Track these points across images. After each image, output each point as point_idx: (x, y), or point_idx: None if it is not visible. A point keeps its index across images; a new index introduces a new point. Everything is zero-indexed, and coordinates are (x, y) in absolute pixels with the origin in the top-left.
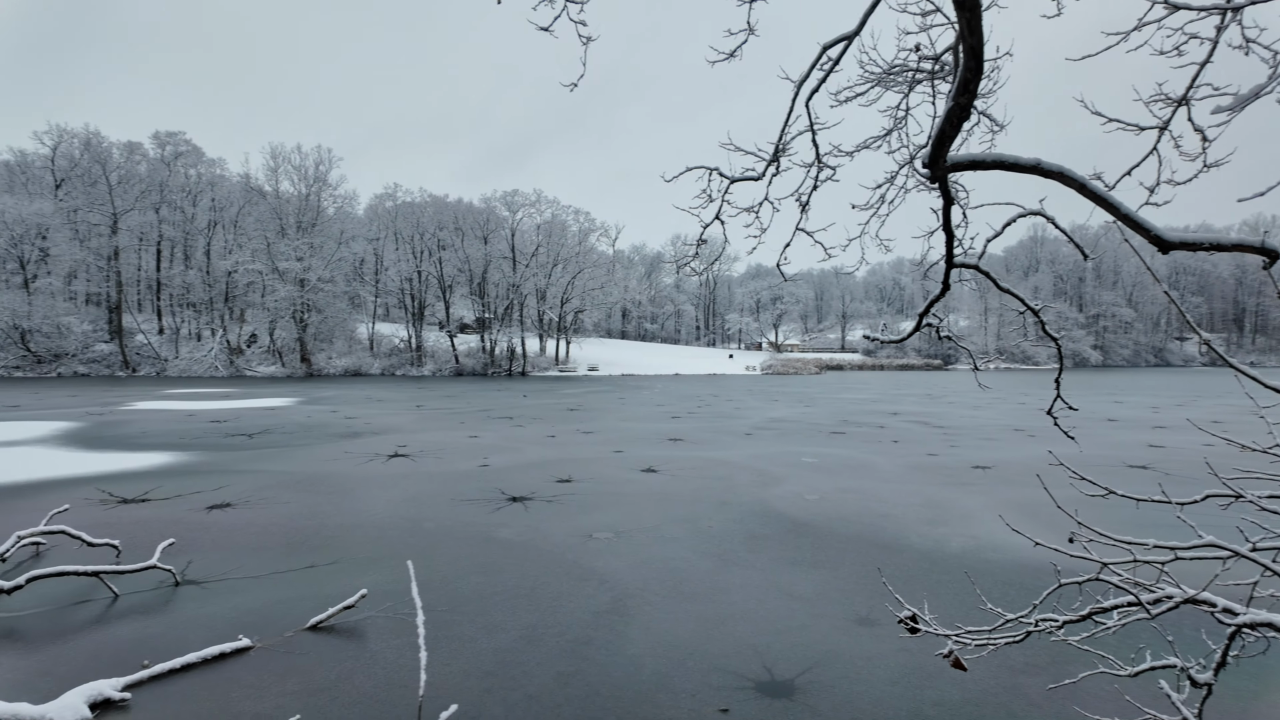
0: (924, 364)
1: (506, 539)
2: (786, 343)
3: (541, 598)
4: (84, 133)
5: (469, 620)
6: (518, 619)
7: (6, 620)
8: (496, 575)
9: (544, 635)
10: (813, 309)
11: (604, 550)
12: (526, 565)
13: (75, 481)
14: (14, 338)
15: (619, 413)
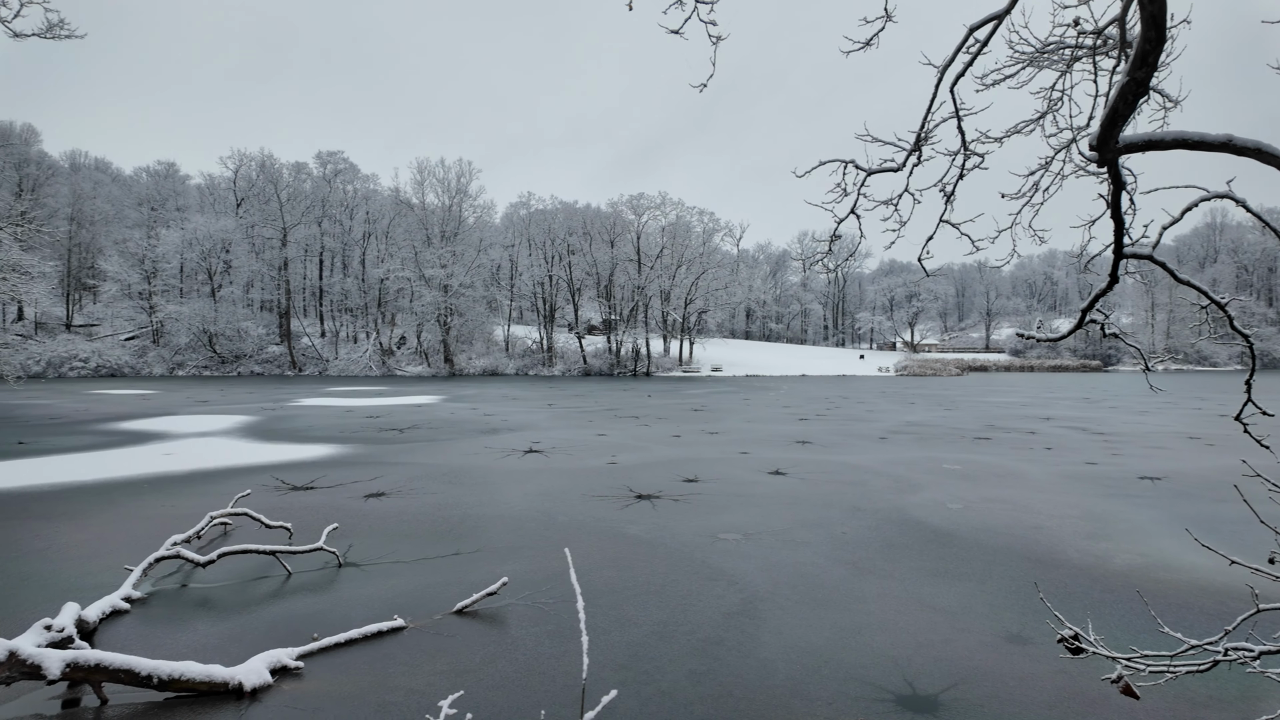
0: (1080, 365)
1: (636, 535)
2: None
3: (671, 595)
4: (259, 156)
5: (602, 613)
6: (649, 614)
7: (202, 590)
8: (627, 570)
9: (675, 632)
10: (953, 306)
11: (732, 551)
12: (655, 562)
13: (254, 469)
14: (203, 341)
15: (744, 414)
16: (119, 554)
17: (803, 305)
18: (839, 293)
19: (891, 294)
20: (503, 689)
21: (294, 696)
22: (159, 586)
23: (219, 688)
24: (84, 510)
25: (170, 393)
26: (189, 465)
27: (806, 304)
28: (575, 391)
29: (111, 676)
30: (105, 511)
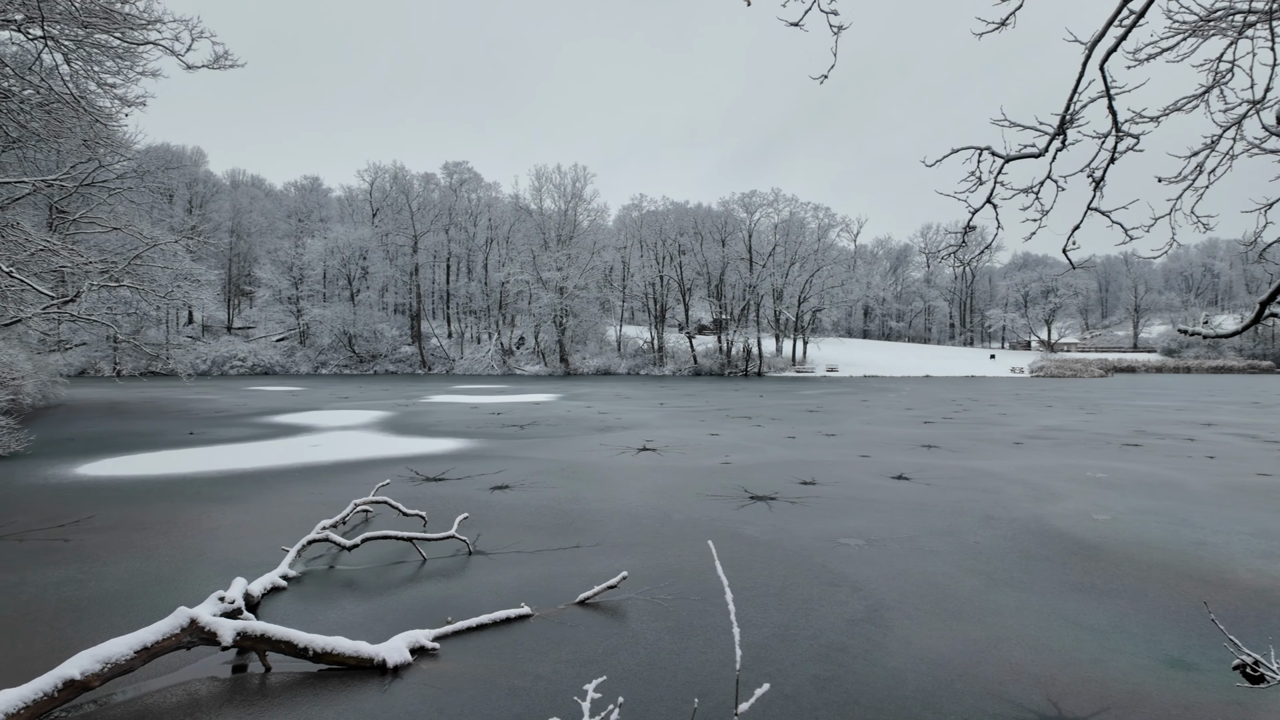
0: (1247, 366)
1: (752, 536)
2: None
3: (791, 598)
4: (392, 168)
5: (721, 612)
6: (768, 617)
7: (348, 572)
8: (745, 571)
9: (796, 636)
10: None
11: (855, 557)
12: (774, 564)
13: (391, 461)
14: (343, 341)
15: (863, 415)
16: (275, 535)
17: (926, 302)
18: (967, 289)
19: (1025, 289)
20: (625, 681)
21: (432, 675)
22: (310, 567)
23: (365, 663)
24: (245, 495)
25: (315, 389)
26: (333, 456)
27: (930, 301)
28: (686, 391)
29: (274, 646)
30: (263, 496)
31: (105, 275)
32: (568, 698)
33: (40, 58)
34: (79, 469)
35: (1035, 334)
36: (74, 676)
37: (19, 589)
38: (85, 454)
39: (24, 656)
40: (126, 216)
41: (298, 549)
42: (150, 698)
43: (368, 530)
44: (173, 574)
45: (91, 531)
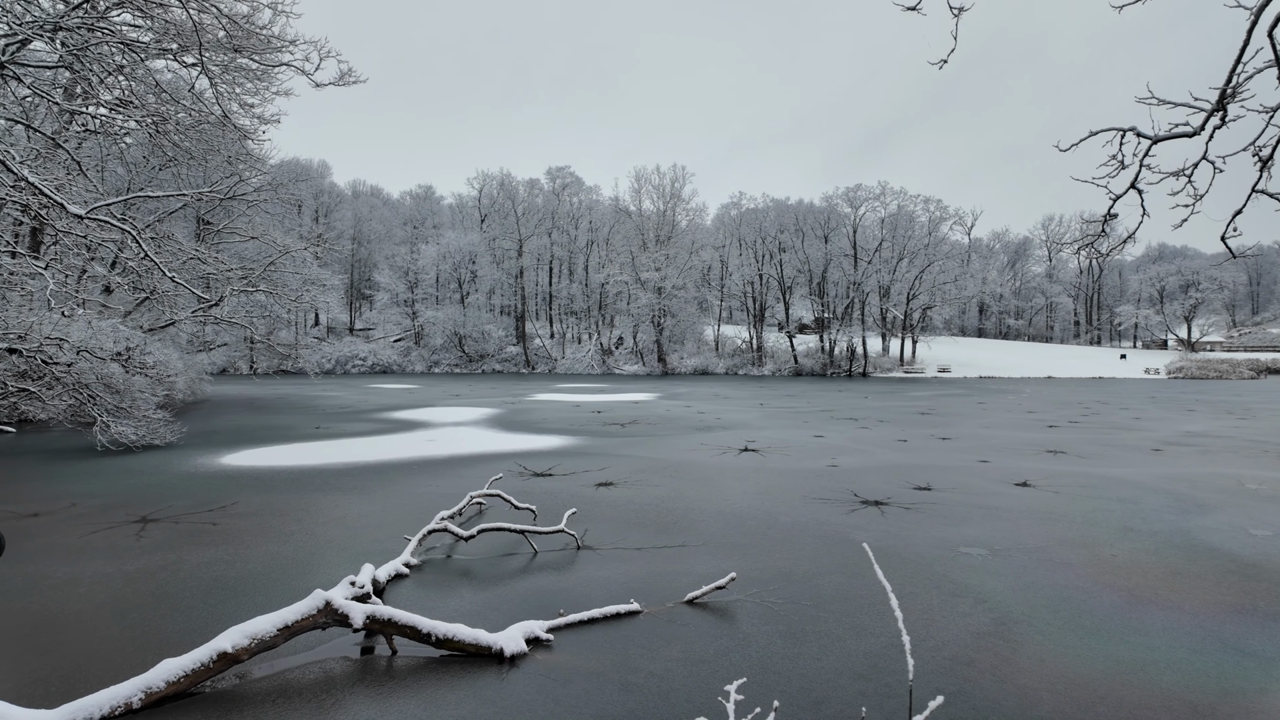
0: None
1: (862, 542)
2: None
3: (910, 608)
4: (499, 175)
5: (835, 619)
6: (885, 625)
7: (464, 562)
8: (858, 578)
9: (917, 647)
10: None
11: (978, 567)
12: (889, 572)
13: (500, 456)
14: (454, 342)
15: (980, 418)
16: (397, 525)
17: (1048, 298)
18: (1094, 283)
19: (1162, 283)
20: (742, 691)
21: (546, 666)
22: (429, 556)
23: (483, 650)
24: (368, 486)
25: (429, 387)
26: (447, 451)
27: (1053, 297)
28: (786, 392)
29: (400, 631)
30: (384, 488)
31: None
32: (681, 695)
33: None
34: (223, 459)
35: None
36: (226, 649)
37: (177, 567)
38: (228, 445)
39: (183, 628)
40: (262, 226)
41: (419, 538)
42: (290, 674)
43: (482, 522)
44: (306, 558)
45: (236, 517)
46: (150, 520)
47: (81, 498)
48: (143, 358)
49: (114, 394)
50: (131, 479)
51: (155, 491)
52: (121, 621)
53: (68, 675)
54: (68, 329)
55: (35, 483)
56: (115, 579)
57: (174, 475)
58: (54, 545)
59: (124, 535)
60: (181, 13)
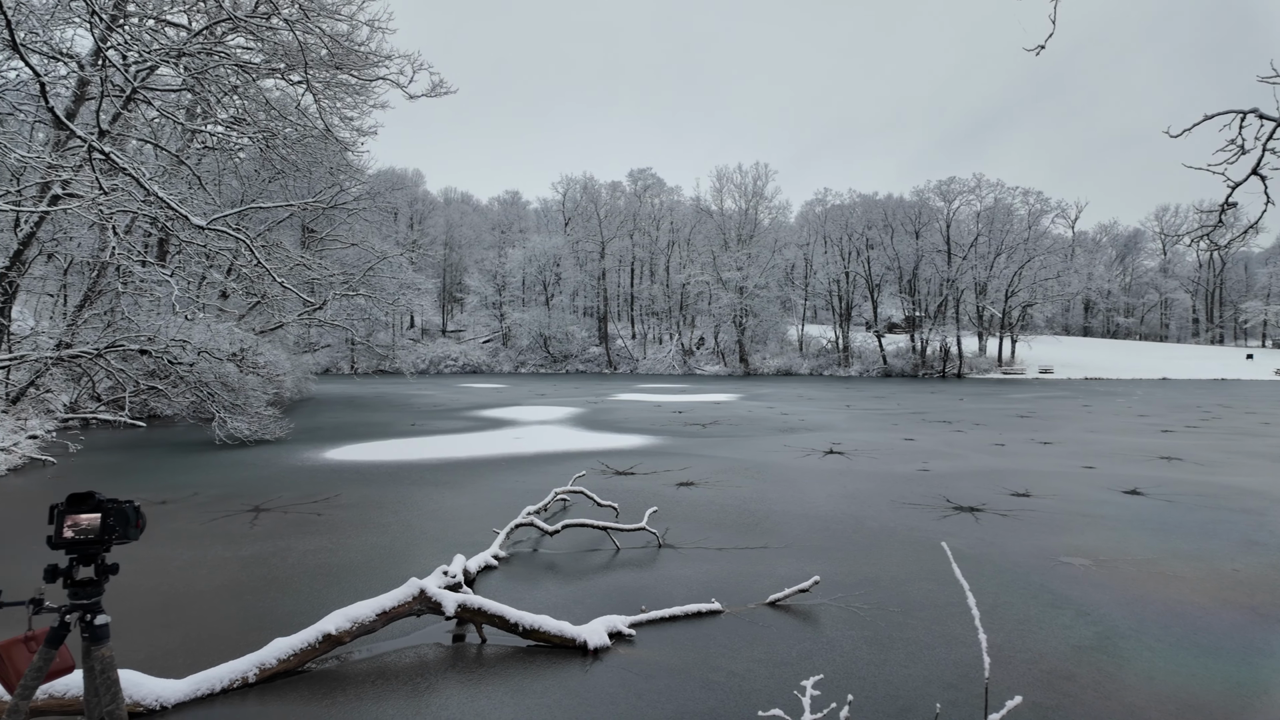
0: None
1: (957, 549)
2: None
3: (1005, 618)
4: (582, 178)
5: (924, 626)
6: (977, 635)
7: (549, 556)
8: (949, 585)
9: (1013, 659)
10: None
11: (1080, 578)
12: (983, 580)
13: (584, 454)
14: (539, 343)
15: (1084, 422)
16: (486, 518)
17: (1162, 294)
18: (1215, 278)
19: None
20: (821, 686)
21: (628, 660)
22: (516, 549)
23: (568, 642)
24: (459, 481)
25: (516, 387)
26: (533, 448)
27: (1168, 293)
28: (874, 393)
29: (489, 620)
30: (474, 482)
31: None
32: (762, 696)
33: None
34: (327, 453)
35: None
36: (330, 631)
37: (286, 553)
38: (331, 441)
39: (290, 610)
40: (362, 233)
41: (506, 531)
42: (387, 657)
43: (566, 518)
44: (402, 548)
45: (338, 508)
46: (262, 510)
47: (202, 488)
48: (255, 358)
49: (230, 392)
50: (245, 471)
51: (266, 483)
52: (237, 602)
53: (192, 649)
54: (190, 331)
55: (162, 473)
56: (232, 563)
57: (283, 468)
58: (179, 530)
59: (239, 523)
60: (289, 34)
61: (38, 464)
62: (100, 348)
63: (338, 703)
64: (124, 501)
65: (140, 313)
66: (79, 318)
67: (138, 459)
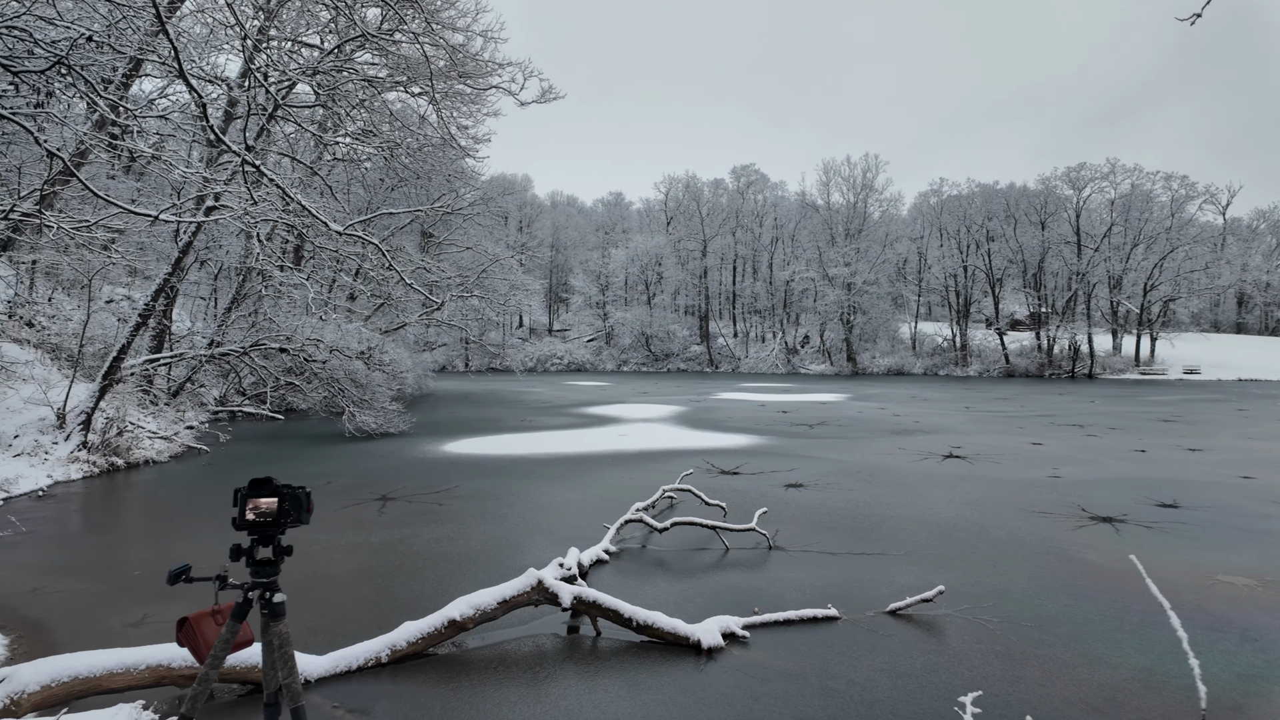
0: None
1: (1095, 562)
2: None
3: (1155, 639)
4: (684, 177)
5: (1060, 644)
6: (1125, 656)
7: (658, 553)
8: (1088, 600)
9: (1167, 684)
10: None
11: (1242, 599)
12: (1126, 597)
13: (688, 453)
14: (641, 342)
15: (1239, 428)
16: (595, 513)
17: None
18: None
19: None
20: (949, 700)
21: (743, 662)
22: (625, 545)
23: (681, 640)
24: (568, 475)
25: (619, 385)
26: (638, 446)
27: None
28: (996, 394)
29: (603, 613)
30: (582, 478)
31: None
32: (885, 707)
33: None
34: (445, 447)
35: None
36: (455, 617)
37: (411, 541)
38: (449, 435)
39: (417, 595)
40: (475, 237)
41: (617, 526)
42: (506, 645)
43: (673, 516)
44: (518, 539)
45: (457, 499)
46: (389, 499)
47: (335, 476)
48: (381, 356)
49: (358, 387)
50: (373, 462)
51: (392, 474)
52: (369, 585)
53: (330, 627)
54: (323, 331)
55: (299, 462)
56: (363, 549)
57: (406, 460)
58: (316, 517)
59: (369, 511)
60: (410, 49)
61: (194, 452)
62: (246, 346)
63: (462, 687)
64: (298, 487)
65: (279, 314)
66: (227, 319)
67: (278, 449)
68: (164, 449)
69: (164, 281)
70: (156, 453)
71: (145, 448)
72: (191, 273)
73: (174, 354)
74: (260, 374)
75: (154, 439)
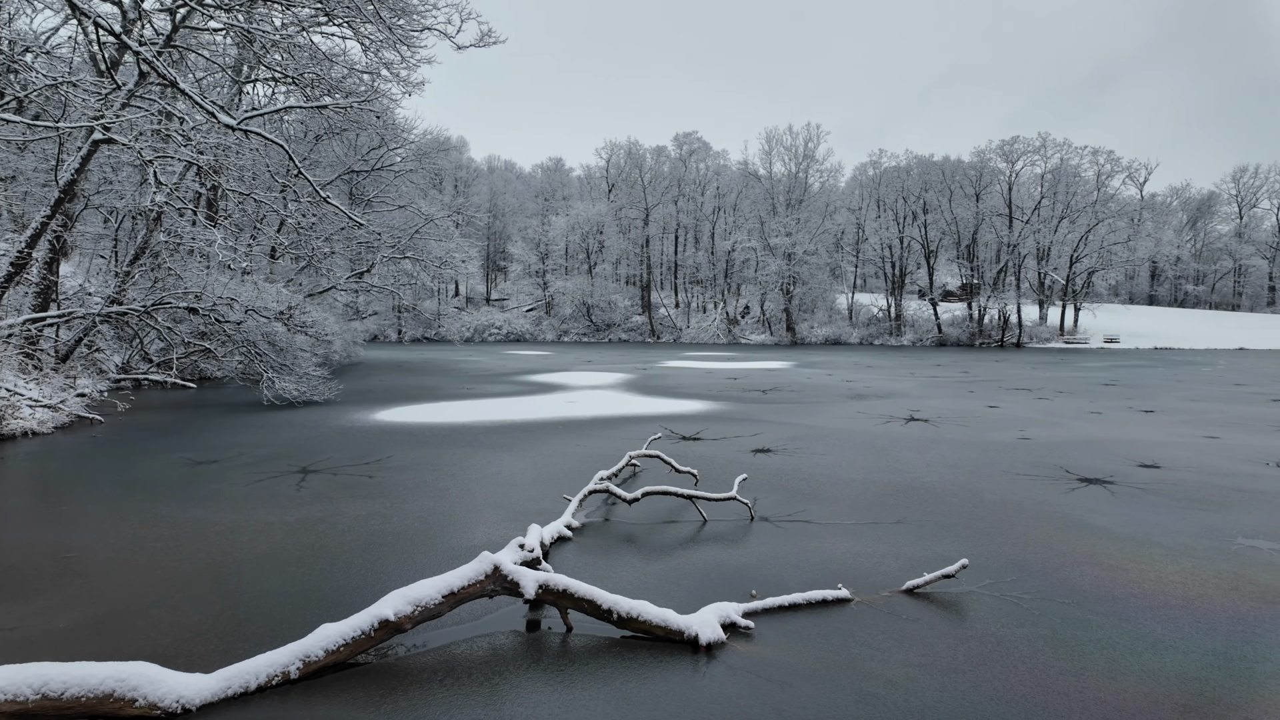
0: None
1: (1106, 528)
2: None
3: (1209, 616)
4: (626, 144)
5: (1112, 624)
6: (1187, 638)
7: (625, 527)
8: (1118, 572)
9: (1253, 672)
10: None
11: (1274, 565)
12: (1157, 565)
13: (644, 419)
14: (582, 311)
15: (1178, 391)
16: (550, 484)
17: (1237, 261)
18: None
19: None
20: (1014, 705)
21: (752, 661)
22: (588, 519)
23: (673, 635)
24: (517, 444)
25: (561, 354)
26: (589, 413)
27: (1243, 259)
28: (933, 361)
29: (576, 604)
30: (533, 446)
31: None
32: (940, 715)
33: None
34: (377, 415)
35: None
36: (388, 617)
37: (335, 519)
38: (381, 403)
39: (341, 585)
40: (409, 196)
41: (580, 498)
42: (457, 648)
43: (639, 485)
44: (463, 514)
45: (390, 470)
46: (310, 471)
47: (248, 448)
48: (302, 317)
49: (278, 351)
50: (293, 431)
51: (314, 444)
52: (282, 575)
53: (226, 631)
54: (238, 291)
55: (208, 433)
56: (276, 529)
57: (332, 429)
58: (220, 492)
59: (285, 485)
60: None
61: (85, 422)
62: (148, 305)
63: (399, 706)
64: None
65: (189, 271)
66: (128, 276)
67: (185, 419)
68: (47, 419)
69: (41, 226)
70: (38, 423)
71: (25, 417)
72: (92, 226)
73: (62, 314)
74: (168, 338)
75: (35, 408)
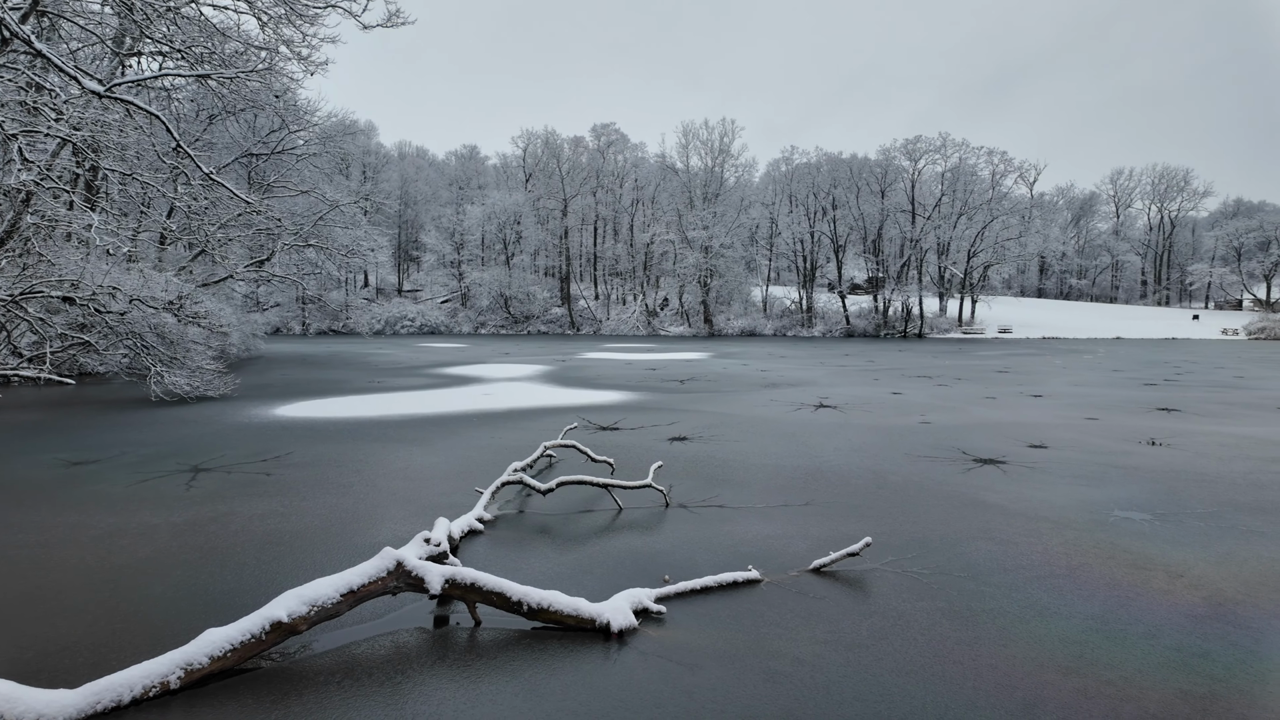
0: None
1: (1000, 504)
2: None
3: (1091, 583)
4: (544, 133)
5: (1002, 595)
6: (1070, 605)
7: (540, 518)
8: (1010, 546)
9: (1126, 634)
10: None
11: (1149, 534)
12: (1044, 539)
13: (561, 410)
14: (500, 303)
15: (1063, 377)
16: (462, 477)
17: (1114, 257)
18: (1164, 241)
19: (1238, 241)
20: (913, 675)
21: (664, 645)
22: (501, 511)
23: (585, 623)
24: (428, 437)
25: (478, 346)
26: (505, 404)
27: (1119, 255)
28: (842, 351)
29: (485, 598)
30: (445, 439)
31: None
32: (848, 693)
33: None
34: (277, 410)
35: (1249, 292)
36: (281, 619)
37: (228, 519)
38: (282, 397)
39: (232, 588)
40: (313, 180)
41: (492, 490)
42: (357, 647)
43: (554, 475)
44: (367, 511)
45: (291, 467)
46: (201, 469)
47: (132, 447)
48: (195, 307)
49: (167, 344)
50: (184, 428)
51: (207, 441)
52: (165, 580)
53: (99, 643)
54: (121, 279)
55: (87, 432)
56: (161, 531)
57: (227, 425)
58: (98, 494)
59: (173, 484)
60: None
61: None
62: (15, 294)
63: (292, 711)
64: None
65: (64, 257)
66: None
67: (61, 417)
68: None
69: None
70: None
71: None
72: None
73: None
74: (41, 330)
75: None
